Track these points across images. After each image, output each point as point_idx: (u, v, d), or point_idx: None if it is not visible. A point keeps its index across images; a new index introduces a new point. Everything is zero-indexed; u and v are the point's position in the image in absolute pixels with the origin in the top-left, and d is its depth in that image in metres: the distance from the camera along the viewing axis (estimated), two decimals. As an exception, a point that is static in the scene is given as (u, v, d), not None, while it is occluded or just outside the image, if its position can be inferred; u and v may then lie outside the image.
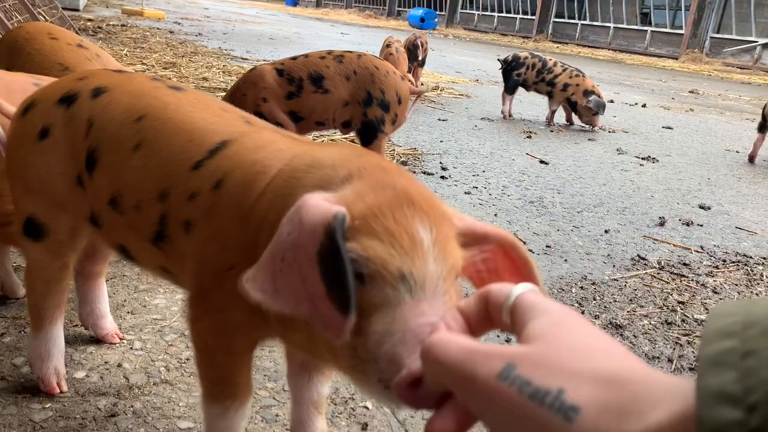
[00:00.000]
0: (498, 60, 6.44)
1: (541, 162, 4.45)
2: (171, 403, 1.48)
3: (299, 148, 1.00)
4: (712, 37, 18.16)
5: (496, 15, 25.45)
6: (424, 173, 3.78)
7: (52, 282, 1.35)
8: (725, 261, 2.85)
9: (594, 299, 2.31)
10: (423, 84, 7.20)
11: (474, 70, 10.33)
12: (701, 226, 3.34)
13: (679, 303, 2.34)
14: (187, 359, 1.65)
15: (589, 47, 20.58)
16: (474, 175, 3.89)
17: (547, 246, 2.80)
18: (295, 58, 3.11)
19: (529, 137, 5.33)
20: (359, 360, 0.73)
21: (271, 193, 0.92)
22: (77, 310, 1.67)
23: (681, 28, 18.99)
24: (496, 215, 3.16)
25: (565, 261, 2.66)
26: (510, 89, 6.12)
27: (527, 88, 6.17)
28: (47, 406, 1.41)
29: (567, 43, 21.37)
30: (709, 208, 3.68)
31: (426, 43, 6.77)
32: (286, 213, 0.76)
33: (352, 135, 3.31)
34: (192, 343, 1.10)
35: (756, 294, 2.51)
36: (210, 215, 1.00)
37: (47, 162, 1.22)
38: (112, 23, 10.17)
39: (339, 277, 0.70)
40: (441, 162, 4.09)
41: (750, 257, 2.92)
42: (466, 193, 3.49)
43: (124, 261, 2.02)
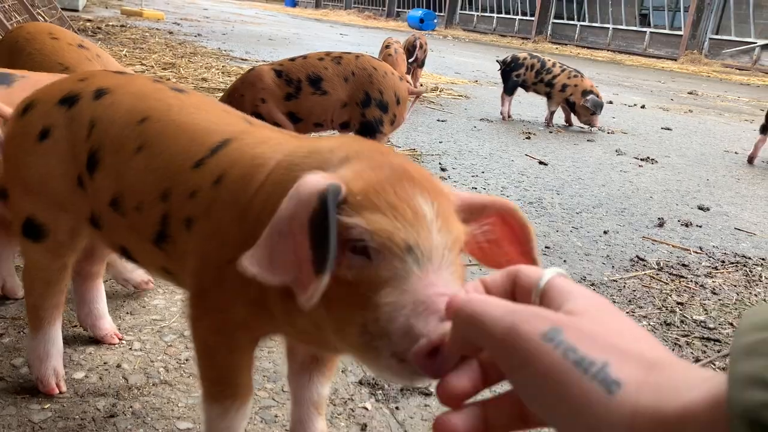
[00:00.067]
0: (497, 61, 6.45)
1: (540, 163, 4.46)
2: (170, 404, 1.48)
3: (298, 141, 1.01)
4: (711, 39, 18.19)
5: (495, 16, 25.48)
6: (423, 174, 3.78)
7: (51, 283, 1.35)
8: (724, 262, 2.85)
9: (593, 300, 2.31)
10: (422, 85, 7.20)
11: (473, 71, 10.34)
12: (700, 227, 3.34)
13: (678, 304, 2.34)
14: (187, 360, 1.65)
15: (588, 48, 20.60)
16: (473, 176, 3.89)
17: (546, 247, 2.80)
18: (294, 59, 3.12)
19: (528, 138, 5.34)
20: (370, 336, 0.73)
21: (270, 184, 0.93)
22: (76, 310, 1.67)
23: (680, 29, 19.02)
24: (495, 216, 3.16)
25: (564, 262, 2.66)
26: (509, 90, 6.13)
27: (526, 88, 6.18)
28: (46, 406, 1.41)
29: (566, 44, 21.39)
30: (708, 209, 3.69)
31: (425, 44, 6.77)
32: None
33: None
34: (193, 343, 1.10)
35: (755, 295, 2.51)
36: (210, 211, 1.01)
37: (47, 163, 1.22)
38: (111, 24, 10.17)
39: (323, 240, 0.71)
40: (440, 163, 4.10)
41: (749, 258, 2.92)
42: (465, 194, 3.49)
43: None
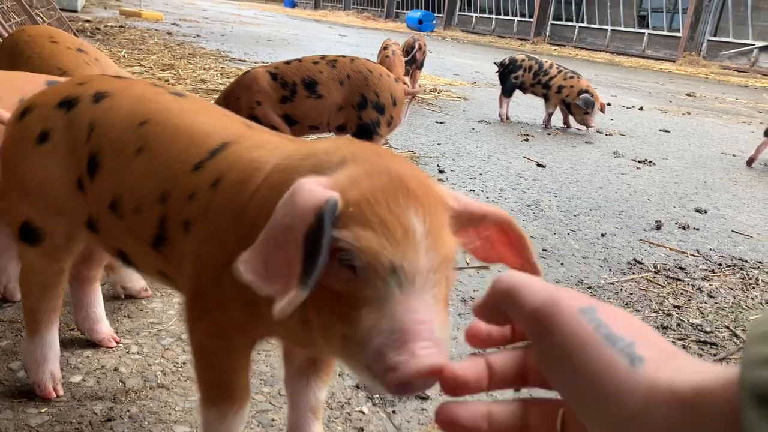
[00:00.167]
0: (495, 63, 6.45)
1: (538, 165, 4.46)
2: (167, 408, 1.48)
3: (295, 145, 1.02)
4: (709, 40, 18.21)
5: (494, 17, 25.49)
6: (421, 176, 3.78)
7: (48, 286, 1.35)
8: (721, 265, 2.86)
9: (590, 303, 2.31)
10: (420, 86, 7.20)
11: (472, 72, 10.34)
12: (697, 229, 3.35)
13: (675, 307, 2.35)
14: (184, 363, 1.65)
15: (587, 50, 20.61)
16: (471, 178, 3.89)
17: (544, 250, 2.81)
18: (289, 62, 3.12)
19: (527, 140, 5.34)
20: (351, 345, 0.75)
21: (267, 188, 0.93)
22: (73, 314, 1.67)
23: (678, 30, 19.04)
24: (493, 218, 3.16)
25: (562, 265, 2.66)
26: (507, 92, 6.13)
27: (524, 90, 6.18)
28: (43, 410, 1.41)
29: (565, 46, 21.41)
30: (706, 211, 3.70)
31: (424, 46, 6.77)
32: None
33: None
34: (190, 347, 1.10)
35: (751, 298, 2.52)
36: (208, 213, 1.01)
37: (46, 166, 1.22)
38: (110, 24, 10.16)
39: (312, 257, 0.71)
40: (438, 165, 4.10)
41: (746, 261, 2.93)
42: (463, 197, 3.49)
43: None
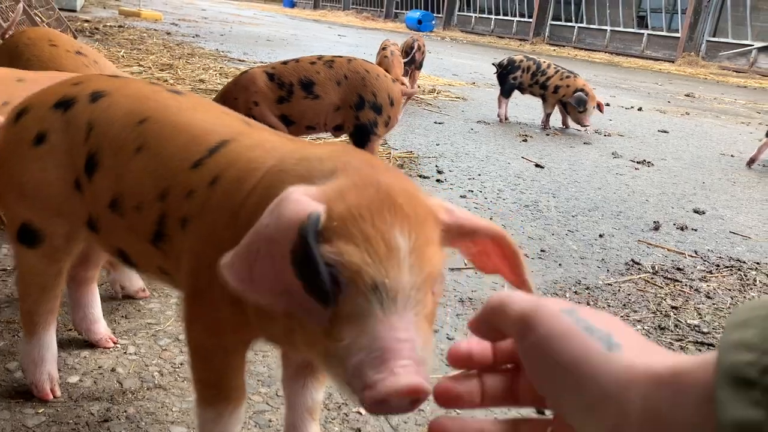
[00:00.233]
0: (493, 64, 6.45)
1: (537, 166, 4.46)
2: (164, 408, 1.48)
3: (292, 145, 1.02)
4: (708, 41, 18.22)
5: (493, 17, 25.49)
6: (419, 176, 3.79)
7: (46, 288, 1.35)
8: (719, 266, 2.86)
9: (588, 304, 2.32)
10: (419, 86, 7.20)
11: (471, 72, 10.34)
12: (695, 230, 3.35)
13: (673, 308, 2.35)
14: (181, 364, 1.65)
15: (586, 50, 20.61)
16: (470, 179, 3.90)
17: (542, 250, 2.81)
18: (286, 62, 3.12)
19: (525, 141, 5.35)
20: (332, 361, 0.75)
21: (262, 189, 0.93)
22: (70, 314, 1.67)
23: (677, 31, 19.05)
24: (491, 219, 3.16)
25: (560, 265, 2.67)
26: (506, 93, 6.13)
27: (522, 91, 6.18)
28: (40, 411, 1.41)
29: (564, 46, 21.42)
30: (704, 212, 3.70)
31: (423, 46, 6.77)
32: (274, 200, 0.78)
33: (345, 138, 3.32)
34: (187, 345, 1.10)
35: (749, 299, 2.52)
36: (205, 211, 1.01)
37: (43, 167, 1.22)
38: (109, 24, 10.16)
39: (314, 276, 0.72)
40: (437, 165, 4.10)
41: (744, 262, 2.93)
42: (461, 197, 3.50)
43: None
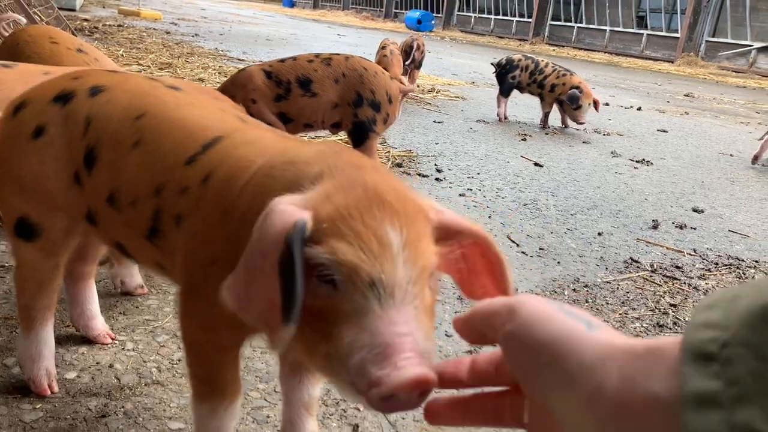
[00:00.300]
0: (492, 64, 6.46)
1: (536, 164, 4.46)
2: (162, 404, 1.48)
3: (283, 144, 1.01)
4: (707, 41, 18.23)
5: (492, 17, 25.49)
6: (419, 175, 3.79)
7: (43, 282, 1.35)
8: (717, 264, 2.86)
9: (586, 301, 2.32)
10: (418, 86, 7.20)
11: (470, 72, 10.34)
12: (694, 229, 3.35)
13: (671, 306, 2.35)
14: (179, 360, 1.65)
15: (586, 50, 20.62)
16: (469, 177, 3.90)
17: (541, 248, 2.81)
18: (284, 60, 3.11)
19: (524, 140, 5.35)
20: (333, 363, 0.74)
21: (252, 189, 0.93)
22: (68, 311, 1.67)
23: (677, 31, 19.05)
24: (490, 217, 3.17)
25: (558, 263, 2.66)
26: (505, 92, 6.13)
27: (521, 90, 6.17)
28: (38, 406, 1.41)
29: (563, 46, 21.42)
30: (703, 211, 3.70)
31: (423, 46, 6.77)
32: (263, 212, 0.77)
33: (343, 136, 3.32)
34: (182, 340, 1.10)
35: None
36: (198, 209, 1.01)
37: (42, 161, 1.22)
38: (108, 23, 10.15)
39: (291, 287, 0.71)
40: (436, 164, 4.10)
41: (742, 260, 2.93)
42: (460, 195, 3.50)
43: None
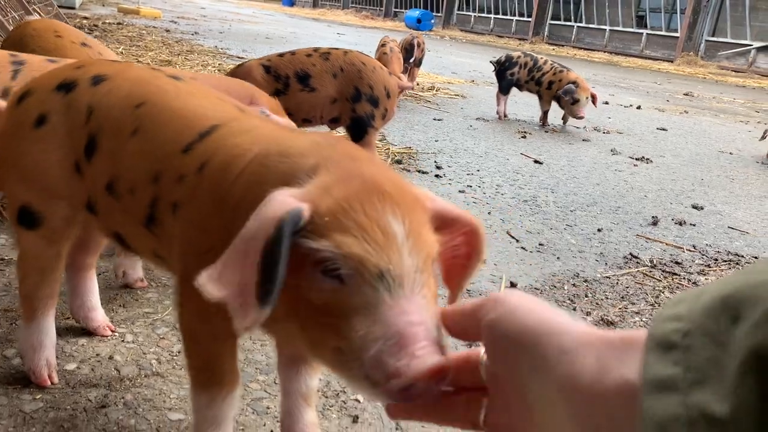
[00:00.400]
0: (491, 62, 6.45)
1: (536, 162, 4.47)
2: (162, 395, 1.48)
3: (278, 134, 1.01)
4: (707, 41, 18.23)
5: (492, 17, 25.49)
6: (418, 172, 3.79)
7: (45, 271, 1.35)
8: (717, 260, 2.87)
9: (586, 296, 2.32)
10: (418, 84, 7.21)
11: (470, 71, 10.34)
12: (694, 225, 3.36)
13: (671, 300, 2.35)
14: (179, 352, 1.65)
15: (585, 49, 20.62)
16: (468, 174, 3.90)
17: (540, 244, 2.81)
18: (282, 55, 3.11)
19: (524, 137, 5.35)
20: (344, 358, 0.73)
21: (246, 178, 0.93)
22: (68, 302, 1.67)
23: (676, 31, 19.06)
24: (489, 213, 3.17)
25: (558, 259, 2.67)
26: (504, 89, 6.12)
27: (520, 87, 6.17)
28: (38, 397, 1.41)
29: (563, 46, 21.42)
30: (702, 208, 3.70)
31: (423, 44, 6.77)
32: (257, 201, 0.76)
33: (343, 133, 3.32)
34: (180, 329, 1.11)
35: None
36: (193, 197, 1.01)
37: (44, 149, 1.22)
38: (108, 21, 10.14)
39: (272, 271, 0.69)
40: (436, 161, 4.10)
41: (742, 256, 2.94)
42: (460, 192, 3.50)
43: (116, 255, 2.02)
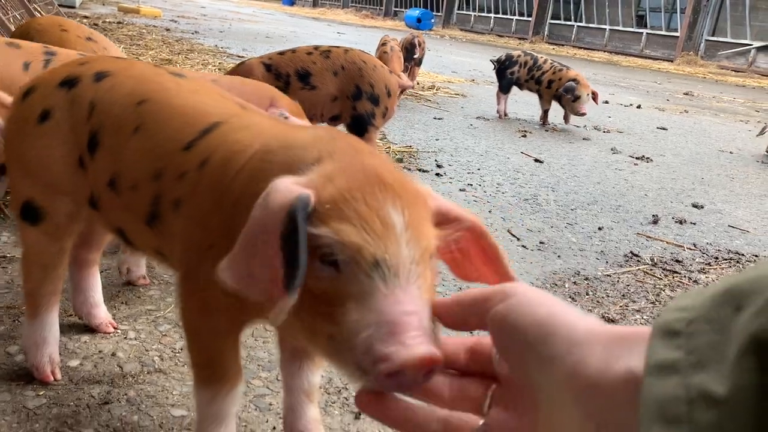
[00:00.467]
0: (491, 61, 6.46)
1: (536, 160, 4.47)
2: (164, 392, 1.48)
3: (279, 129, 1.02)
4: (707, 40, 18.24)
5: (492, 16, 25.50)
6: (419, 170, 3.79)
7: (48, 267, 1.36)
8: (717, 258, 2.87)
9: (587, 294, 2.33)
10: (418, 83, 7.21)
11: (470, 70, 10.35)
12: (694, 224, 3.36)
13: (671, 298, 2.35)
14: (181, 349, 1.66)
15: (585, 49, 20.63)
16: (469, 173, 3.90)
17: (541, 242, 2.81)
18: (283, 53, 3.10)
19: (524, 136, 5.35)
20: (337, 345, 0.73)
21: (247, 173, 0.93)
22: (71, 300, 1.67)
23: (676, 30, 19.07)
24: (490, 212, 3.17)
25: (559, 257, 2.67)
26: (504, 88, 6.13)
27: (520, 86, 6.17)
28: (41, 393, 1.42)
29: (563, 45, 21.42)
30: (702, 206, 3.71)
31: (423, 43, 6.78)
32: (259, 196, 0.76)
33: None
34: (182, 326, 1.11)
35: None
36: (195, 194, 1.02)
37: (48, 144, 1.23)
38: (108, 20, 10.15)
39: (293, 257, 0.70)
40: (436, 160, 4.11)
41: (742, 255, 2.94)
42: (460, 191, 3.50)
43: (118, 252, 2.02)
